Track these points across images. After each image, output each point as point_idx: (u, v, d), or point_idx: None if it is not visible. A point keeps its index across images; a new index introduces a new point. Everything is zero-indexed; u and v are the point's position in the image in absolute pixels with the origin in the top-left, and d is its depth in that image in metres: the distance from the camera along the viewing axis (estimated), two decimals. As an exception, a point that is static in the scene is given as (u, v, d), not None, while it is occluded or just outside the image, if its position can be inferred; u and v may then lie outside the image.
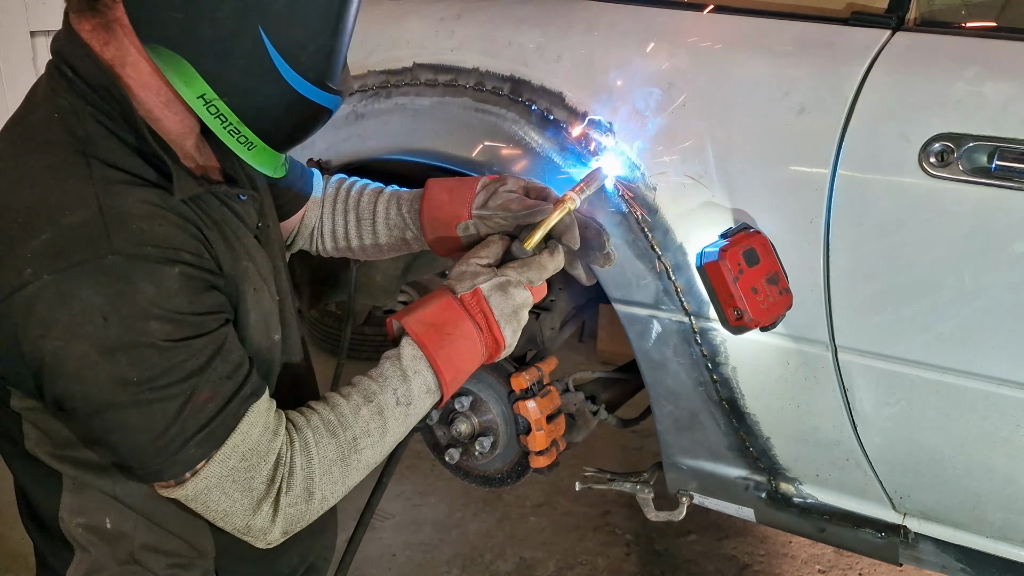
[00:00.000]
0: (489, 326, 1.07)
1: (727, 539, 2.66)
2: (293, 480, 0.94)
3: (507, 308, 1.08)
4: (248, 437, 0.91)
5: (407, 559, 2.56)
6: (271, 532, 0.95)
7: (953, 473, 1.28)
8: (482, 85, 1.45)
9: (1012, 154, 1.10)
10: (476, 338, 1.07)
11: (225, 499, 0.91)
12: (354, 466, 0.99)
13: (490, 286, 1.08)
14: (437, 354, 1.03)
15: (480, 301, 1.07)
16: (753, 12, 1.36)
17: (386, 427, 1.01)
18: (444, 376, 1.04)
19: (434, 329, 1.04)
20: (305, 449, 0.95)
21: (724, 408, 1.41)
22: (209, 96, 0.91)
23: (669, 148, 1.32)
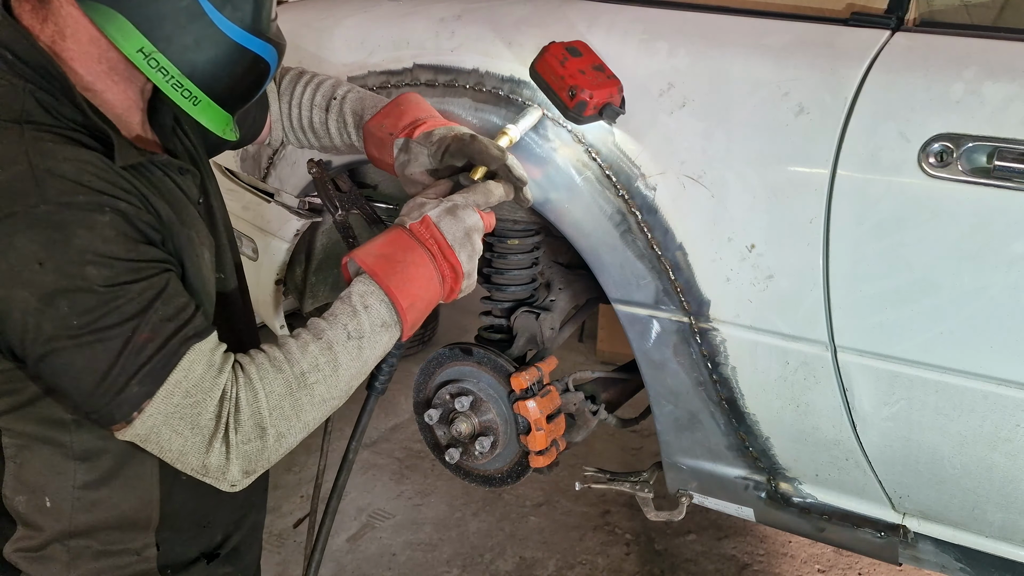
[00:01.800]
0: (442, 251, 1.07)
1: (727, 539, 2.66)
2: (240, 416, 0.94)
3: (458, 231, 1.08)
4: (190, 374, 0.92)
5: (407, 559, 2.56)
6: (228, 471, 0.95)
7: (952, 473, 1.28)
8: (482, 86, 1.45)
9: (1012, 154, 1.10)
10: (429, 264, 1.06)
11: (176, 438, 0.92)
12: (306, 400, 0.98)
13: (438, 212, 1.08)
14: (389, 280, 1.03)
15: (430, 227, 1.07)
16: (753, 12, 1.36)
17: (337, 361, 1.00)
18: (400, 302, 1.03)
19: (384, 259, 1.04)
20: (250, 384, 0.95)
21: (724, 408, 1.41)
22: (148, 49, 0.94)
23: (669, 148, 1.32)
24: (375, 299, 1.03)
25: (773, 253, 1.27)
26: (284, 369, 0.97)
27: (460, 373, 1.67)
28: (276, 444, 0.97)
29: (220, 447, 0.94)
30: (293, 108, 1.38)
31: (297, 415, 0.98)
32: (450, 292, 1.10)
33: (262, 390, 0.95)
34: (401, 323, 1.04)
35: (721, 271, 1.31)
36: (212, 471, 0.95)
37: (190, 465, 0.94)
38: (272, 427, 0.96)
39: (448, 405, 1.66)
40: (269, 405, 0.95)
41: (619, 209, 1.36)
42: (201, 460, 0.94)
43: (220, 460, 0.94)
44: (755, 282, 1.29)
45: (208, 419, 0.93)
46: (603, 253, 1.40)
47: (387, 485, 2.94)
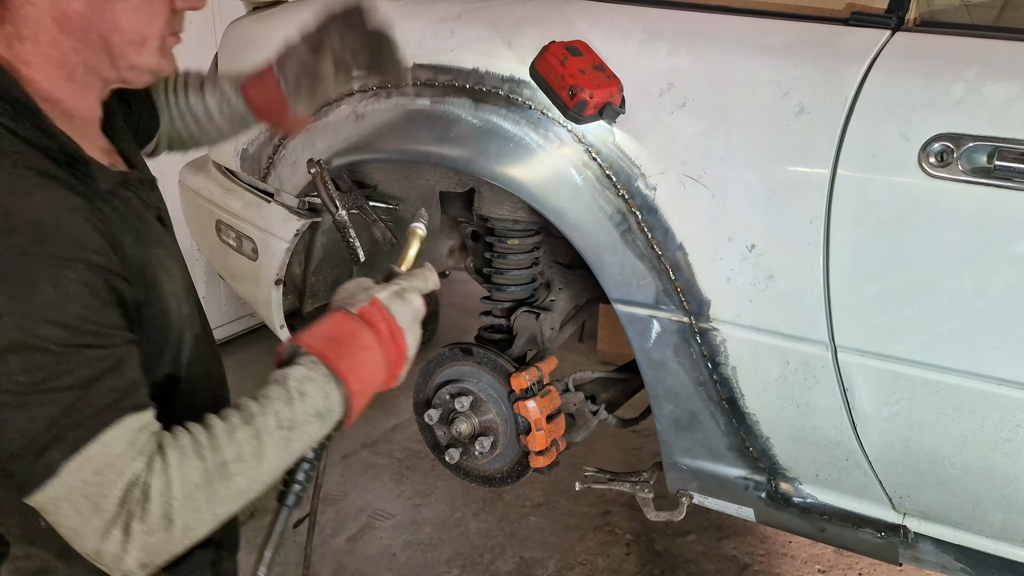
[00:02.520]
0: (392, 334, 1.01)
1: (727, 539, 2.66)
2: (149, 505, 0.86)
3: (408, 314, 1.03)
4: (108, 450, 0.86)
5: (407, 559, 2.56)
6: (124, 560, 0.87)
7: (953, 473, 1.28)
8: (482, 85, 1.45)
9: (1012, 154, 1.10)
10: (377, 348, 1.00)
11: (75, 516, 0.86)
12: (222, 493, 0.90)
13: (388, 294, 1.03)
14: (340, 363, 0.96)
15: (380, 309, 1.01)
16: (753, 12, 1.36)
17: (263, 452, 0.92)
18: (351, 386, 0.96)
19: (332, 342, 0.97)
20: (164, 471, 0.87)
21: (724, 408, 1.41)
22: None
23: (669, 148, 1.32)
24: (313, 386, 0.95)
25: (773, 253, 1.27)
26: (207, 457, 0.89)
27: (460, 373, 1.67)
28: (182, 536, 0.89)
29: (118, 535, 0.85)
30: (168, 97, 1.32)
31: (211, 508, 0.90)
32: (391, 379, 1.03)
33: (178, 479, 0.87)
34: (347, 409, 0.97)
35: (721, 271, 1.31)
36: (106, 558, 0.87)
37: (83, 547, 0.87)
38: (180, 519, 0.87)
39: (448, 405, 1.66)
40: (183, 495, 0.87)
41: (619, 209, 1.36)
42: (95, 545, 0.86)
43: (116, 548, 0.86)
44: (755, 282, 1.29)
45: (112, 503, 0.85)
46: (603, 253, 1.40)
47: (387, 485, 2.94)
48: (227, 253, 2.00)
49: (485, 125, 1.44)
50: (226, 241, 2.00)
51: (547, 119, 1.40)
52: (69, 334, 0.84)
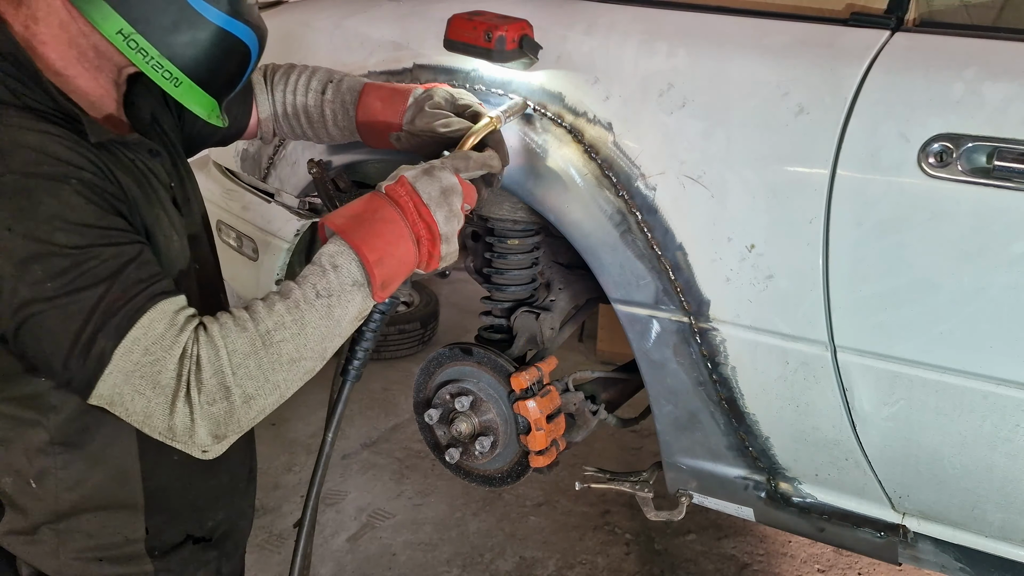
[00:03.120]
0: (417, 208, 1.04)
1: (726, 538, 2.66)
2: (202, 375, 0.91)
3: (434, 190, 1.06)
4: (151, 331, 0.91)
5: (407, 558, 2.56)
6: (195, 433, 0.93)
7: (952, 473, 1.28)
8: (481, 86, 1.45)
9: (1012, 154, 1.10)
10: (400, 221, 1.03)
11: (139, 398, 0.91)
12: (273, 360, 0.95)
13: (415, 172, 1.07)
14: (354, 235, 1.00)
15: (405, 185, 1.05)
16: (753, 12, 1.36)
17: (304, 319, 0.96)
18: (366, 256, 0.99)
19: (354, 219, 1.03)
20: (211, 343, 0.93)
21: (723, 408, 1.41)
22: (127, 31, 0.96)
23: (669, 148, 1.32)
24: (345, 258, 1.00)
25: (773, 253, 1.27)
26: (248, 328, 0.94)
27: (460, 373, 1.67)
28: (244, 406, 0.94)
29: (184, 407, 0.91)
30: (288, 95, 1.37)
31: (264, 375, 0.95)
32: (428, 257, 1.06)
33: (224, 348, 0.93)
34: (370, 279, 1.00)
35: (721, 271, 1.31)
36: (179, 434, 0.93)
37: (156, 428, 0.93)
38: (237, 387, 0.93)
39: (448, 405, 1.66)
40: (232, 364, 0.93)
41: (619, 209, 1.36)
42: (166, 422, 0.92)
43: (185, 421, 0.92)
44: (755, 282, 1.29)
45: (169, 378, 0.91)
46: (603, 253, 1.40)
47: (387, 485, 2.94)
48: (227, 253, 2.00)
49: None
50: (226, 241, 2.00)
51: (547, 119, 1.40)
52: (81, 237, 0.90)
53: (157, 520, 1.12)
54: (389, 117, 1.29)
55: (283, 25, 1.76)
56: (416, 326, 3.91)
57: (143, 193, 1.03)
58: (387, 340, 3.84)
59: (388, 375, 3.75)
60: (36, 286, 0.88)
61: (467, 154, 1.14)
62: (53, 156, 0.91)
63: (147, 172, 1.07)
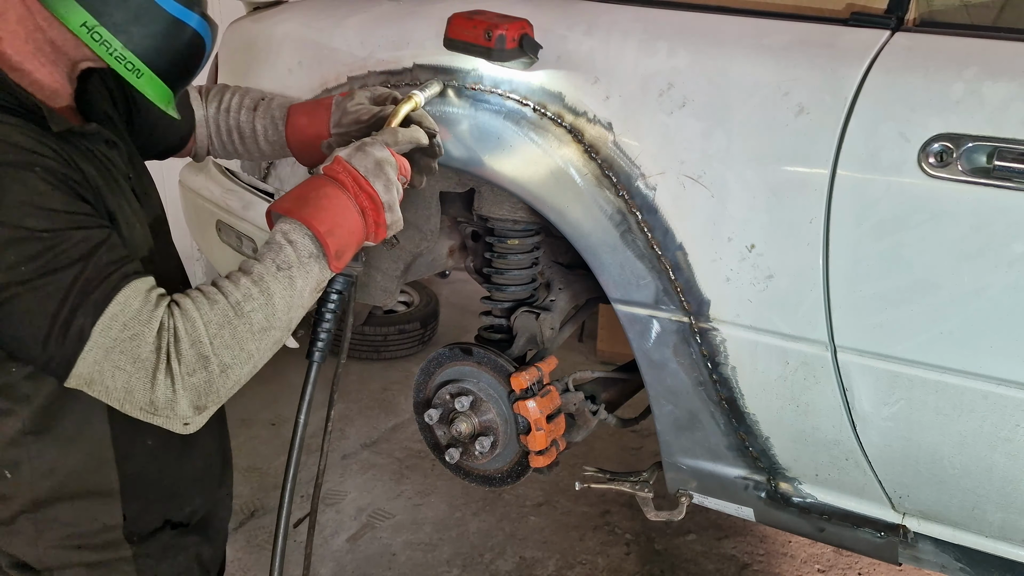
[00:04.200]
0: (356, 181, 1.11)
1: (727, 538, 2.66)
2: (180, 346, 0.95)
3: (369, 163, 1.12)
4: (127, 308, 0.94)
5: (407, 558, 2.56)
6: (177, 404, 0.96)
7: (952, 473, 1.28)
8: (481, 85, 1.45)
9: (1012, 154, 1.10)
10: (342, 195, 1.10)
11: (119, 374, 0.94)
12: (245, 329, 1.00)
13: (348, 151, 1.14)
14: (303, 212, 1.06)
15: (340, 162, 1.12)
16: (753, 12, 1.36)
17: (270, 290, 1.02)
18: (317, 228, 1.05)
19: (299, 199, 1.09)
20: (186, 315, 0.97)
21: (723, 408, 1.41)
22: (91, 23, 0.99)
23: (669, 148, 1.32)
24: (298, 233, 1.05)
25: (773, 253, 1.27)
26: (219, 300, 0.99)
27: (460, 373, 1.67)
28: (222, 375, 0.98)
29: (165, 379, 0.95)
30: (222, 112, 1.44)
31: (240, 344, 0.99)
32: (376, 226, 1.13)
33: (199, 319, 0.97)
34: (324, 250, 1.06)
35: (721, 271, 1.31)
36: (161, 407, 0.96)
37: (138, 403, 0.95)
38: (215, 356, 0.97)
39: (448, 405, 1.66)
40: (208, 334, 0.97)
41: (619, 209, 1.36)
42: (148, 396, 0.95)
43: (167, 393, 0.95)
44: (755, 282, 1.29)
45: (148, 352, 0.94)
46: (603, 253, 1.40)
47: (387, 485, 2.94)
48: (227, 253, 2.00)
49: (485, 125, 1.45)
50: (226, 241, 2.00)
51: (547, 119, 1.40)
52: (51, 221, 0.93)
53: (134, 506, 1.14)
54: (317, 128, 1.35)
55: (284, 25, 1.76)
56: (416, 326, 3.91)
57: (106, 182, 1.07)
58: (387, 340, 3.85)
59: (388, 375, 3.75)
60: (10, 270, 0.91)
61: (394, 130, 1.22)
62: (16, 145, 0.94)
63: (107, 162, 1.10)
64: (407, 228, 1.78)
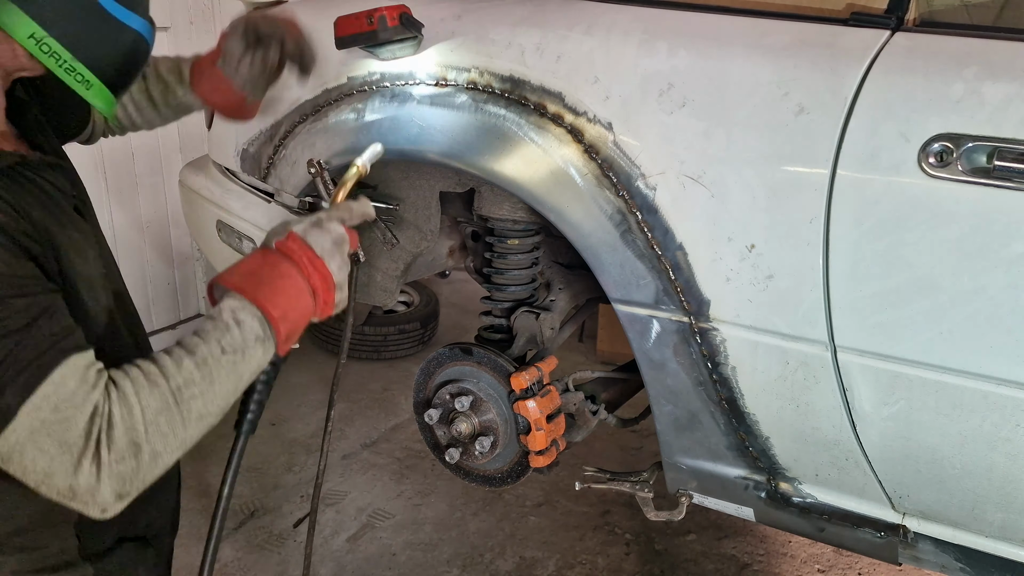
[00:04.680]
0: (311, 262, 1.05)
1: (727, 538, 2.66)
2: (114, 433, 0.89)
3: (326, 242, 1.07)
4: (62, 387, 0.88)
5: (407, 558, 2.56)
6: (99, 492, 0.90)
7: (952, 473, 1.28)
8: (481, 85, 1.45)
9: (1012, 154, 1.10)
10: (297, 276, 1.04)
11: (42, 457, 0.87)
12: (181, 417, 0.94)
13: (304, 226, 1.08)
14: (257, 293, 1.00)
15: (296, 240, 1.06)
16: (753, 12, 1.36)
17: (212, 376, 0.96)
18: (271, 313, 0.99)
19: (250, 276, 1.02)
20: (124, 400, 0.90)
21: (723, 408, 1.41)
22: (39, 35, 0.95)
23: (669, 148, 1.32)
24: (247, 314, 0.99)
25: (773, 253, 1.27)
26: (160, 384, 0.93)
27: (460, 373, 1.67)
28: (151, 463, 0.93)
29: (90, 467, 0.88)
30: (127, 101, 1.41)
31: (174, 432, 0.93)
32: (324, 305, 1.07)
33: (137, 405, 0.91)
34: (275, 335, 1.01)
35: (721, 271, 1.31)
36: (81, 493, 0.89)
37: (56, 488, 0.89)
38: (148, 444, 0.91)
39: (448, 405, 1.66)
40: (145, 421, 0.91)
41: (619, 209, 1.36)
42: (68, 482, 0.88)
43: (90, 481, 0.88)
44: (755, 282, 1.29)
45: (77, 436, 0.87)
46: (603, 253, 1.40)
47: (387, 485, 2.94)
48: (227, 253, 2.00)
49: (485, 125, 1.45)
50: (226, 241, 2.00)
51: (547, 119, 1.40)
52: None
53: (86, 527, 1.10)
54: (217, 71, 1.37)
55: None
56: (416, 326, 3.91)
57: (54, 216, 1.01)
58: (387, 340, 3.85)
59: (388, 375, 3.75)
60: None
61: (348, 205, 1.18)
62: None
63: (51, 191, 1.04)
64: (407, 228, 1.78)
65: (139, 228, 3.50)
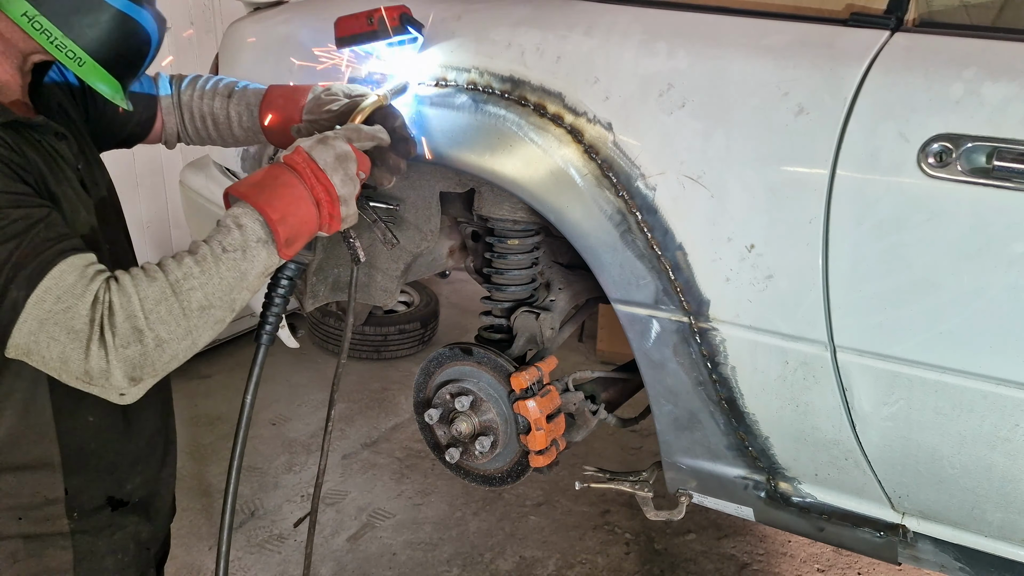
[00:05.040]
0: (314, 173, 1.12)
1: (726, 538, 2.66)
2: (115, 319, 0.97)
3: (329, 157, 1.14)
4: (61, 281, 0.96)
5: (408, 558, 2.57)
6: (111, 375, 0.98)
7: (952, 473, 1.28)
8: (481, 86, 1.45)
9: (1011, 154, 1.10)
10: (299, 185, 1.11)
11: (54, 344, 0.96)
12: (183, 306, 1.01)
13: (310, 142, 1.15)
14: (258, 198, 1.08)
15: (301, 153, 1.13)
16: (753, 12, 1.36)
17: (211, 271, 1.03)
18: (270, 215, 1.07)
19: (256, 185, 1.11)
20: (122, 291, 0.99)
21: (723, 407, 1.41)
22: (31, 13, 1.02)
23: (669, 148, 1.32)
24: (248, 218, 1.07)
25: (773, 253, 1.27)
26: (158, 278, 1.01)
27: (460, 373, 1.67)
28: (157, 350, 1.00)
29: (98, 350, 0.96)
30: (195, 99, 1.46)
31: (176, 320, 1.01)
32: (329, 219, 1.14)
33: (135, 295, 0.98)
34: (274, 236, 1.08)
35: (721, 271, 1.31)
36: (96, 377, 0.98)
37: (74, 372, 0.98)
38: (150, 330, 0.99)
39: (448, 405, 1.66)
40: (144, 309, 0.98)
41: (619, 209, 1.37)
42: (82, 366, 0.97)
43: (101, 364, 0.97)
44: (755, 282, 1.29)
45: (82, 324, 0.96)
46: (603, 253, 1.40)
47: (387, 485, 2.94)
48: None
49: (484, 125, 1.45)
50: (226, 241, 2.00)
51: (547, 119, 1.40)
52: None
53: (75, 480, 1.17)
54: (290, 111, 1.38)
55: (284, 26, 1.76)
56: (416, 326, 3.91)
57: (50, 169, 1.09)
58: (387, 340, 3.85)
59: (388, 375, 3.75)
60: None
61: (357, 127, 1.24)
62: None
63: (54, 152, 1.12)
64: (407, 228, 1.78)
65: (139, 228, 3.50)
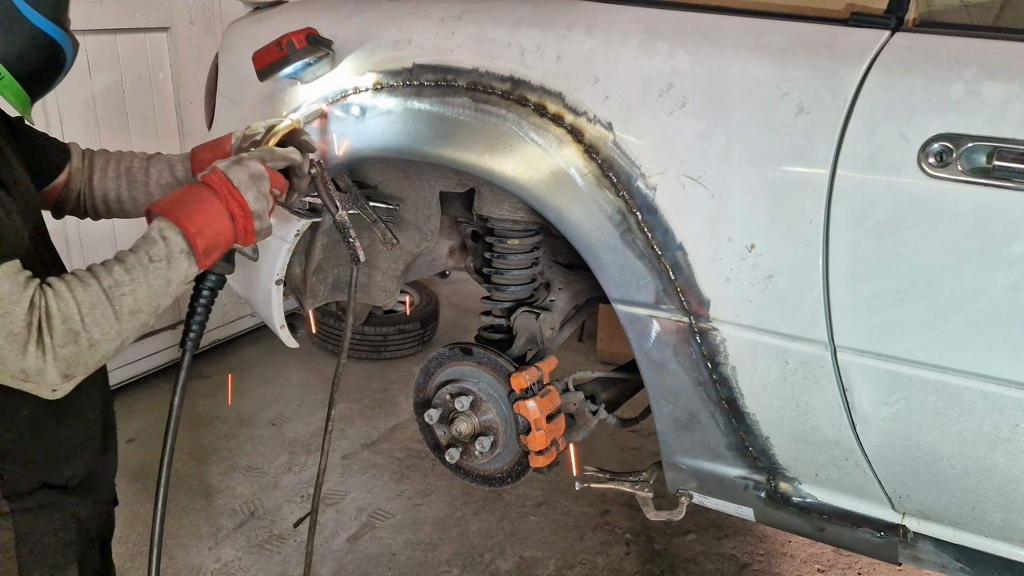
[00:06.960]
0: (229, 191, 1.22)
1: (726, 538, 2.66)
2: (52, 322, 1.04)
3: (243, 175, 1.25)
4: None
5: (407, 558, 2.57)
6: (47, 372, 1.05)
7: (952, 473, 1.28)
8: (481, 85, 1.45)
9: (1011, 154, 1.10)
10: (216, 201, 1.21)
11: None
12: (116, 310, 1.09)
13: (226, 163, 1.26)
14: (178, 214, 1.17)
15: (217, 173, 1.24)
16: (753, 12, 1.36)
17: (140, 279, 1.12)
18: (188, 228, 1.16)
19: (176, 202, 1.20)
20: (59, 296, 1.05)
21: (723, 408, 1.41)
22: None
23: (669, 148, 1.32)
24: (171, 231, 1.16)
25: (773, 253, 1.27)
26: (92, 284, 1.08)
27: (460, 373, 1.67)
28: (91, 350, 1.08)
29: (36, 351, 1.03)
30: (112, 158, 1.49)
31: (109, 324, 1.09)
32: (244, 232, 1.24)
33: (72, 300, 1.06)
34: (192, 248, 1.17)
35: (721, 271, 1.31)
36: (31, 375, 1.05)
37: (9, 371, 1.04)
38: (85, 332, 1.06)
39: (448, 405, 1.66)
40: (80, 312, 1.06)
41: (619, 209, 1.37)
42: (19, 365, 1.03)
43: (38, 363, 1.04)
44: (755, 282, 1.29)
45: (20, 327, 1.02)
46: (603, 253, 1.40)
47: (387, 485, 2.94)
48: (227, 253, 2.00)
49: (484, 125, 1.45)
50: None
51: (547, 119, 1.40)
52: None
53: (10, 467, 1.22)
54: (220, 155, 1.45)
55: (283, 25, 1.76)
56: (416, 326, 3.91)
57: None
58: (387, 340, 3.85)
59: (388, 375, 3.75)
60: None
61: (271, 148, 1.36)
62: None
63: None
64: (407, 228, 1.78)
65: (139, 228, 3.50)
